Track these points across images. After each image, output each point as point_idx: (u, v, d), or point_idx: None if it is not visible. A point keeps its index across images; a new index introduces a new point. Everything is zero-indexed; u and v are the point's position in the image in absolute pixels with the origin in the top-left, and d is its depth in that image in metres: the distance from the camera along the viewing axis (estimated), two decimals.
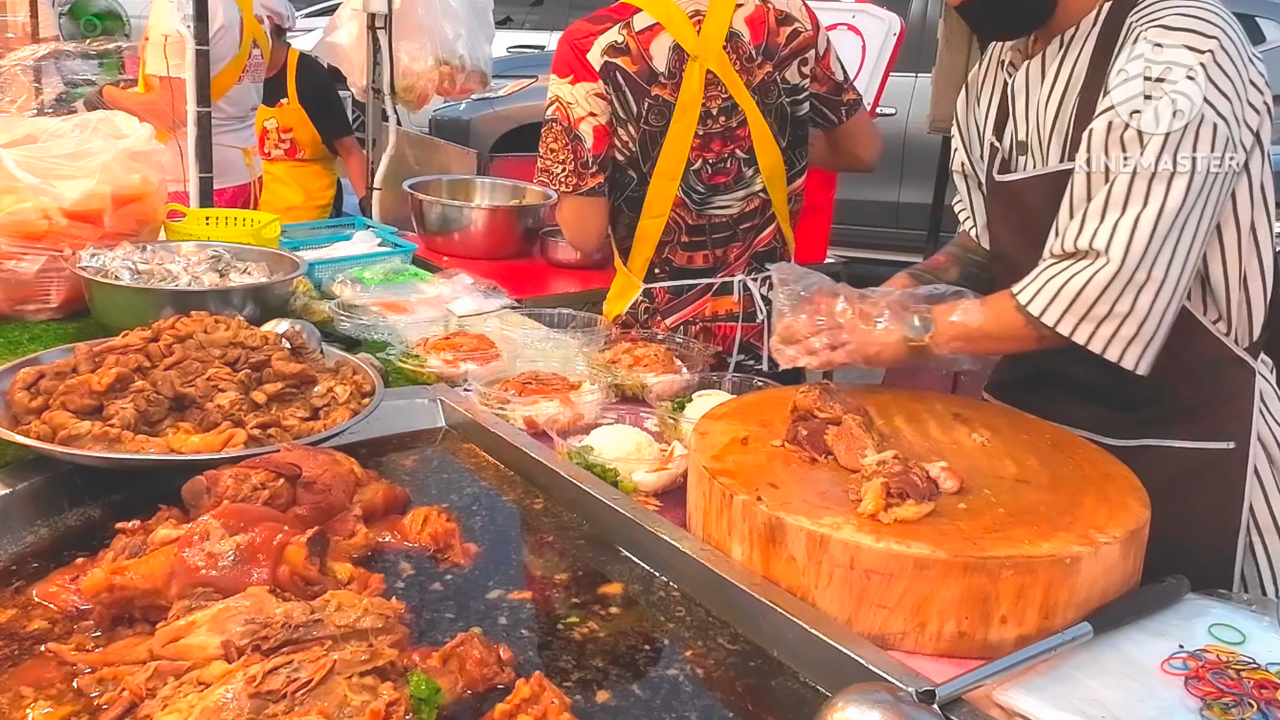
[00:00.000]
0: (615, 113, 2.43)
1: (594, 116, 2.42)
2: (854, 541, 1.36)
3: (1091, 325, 1.68)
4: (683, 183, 2.48)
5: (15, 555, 1.46)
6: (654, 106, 2.43)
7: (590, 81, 2.41)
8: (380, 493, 1.59)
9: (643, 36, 2.43)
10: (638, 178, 2.49)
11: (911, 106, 6.30)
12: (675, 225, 2.53)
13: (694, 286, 2.58)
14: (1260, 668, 1.32)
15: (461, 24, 4.59)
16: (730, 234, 2.57)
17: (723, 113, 2.47)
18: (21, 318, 2.34)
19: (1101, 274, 1.66)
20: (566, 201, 2.51)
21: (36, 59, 4.30)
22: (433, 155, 5.02)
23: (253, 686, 1.04)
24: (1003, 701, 1.25)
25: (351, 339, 2.35)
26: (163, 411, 1.67)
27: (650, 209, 2.51)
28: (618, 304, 2.66)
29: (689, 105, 2.44)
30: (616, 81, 2.42)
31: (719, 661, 1.33)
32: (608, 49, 2.41)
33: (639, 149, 2.46)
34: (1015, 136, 1.91)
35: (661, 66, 2.43)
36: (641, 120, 2.44)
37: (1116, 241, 1.65)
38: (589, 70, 2.41)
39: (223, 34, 3.94)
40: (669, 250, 2.55)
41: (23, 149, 2.39)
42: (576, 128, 2.42)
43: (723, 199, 2.54)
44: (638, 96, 2.43)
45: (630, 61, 2.42)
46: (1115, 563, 1.40)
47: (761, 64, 2.49)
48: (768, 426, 1.69)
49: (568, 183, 2.46)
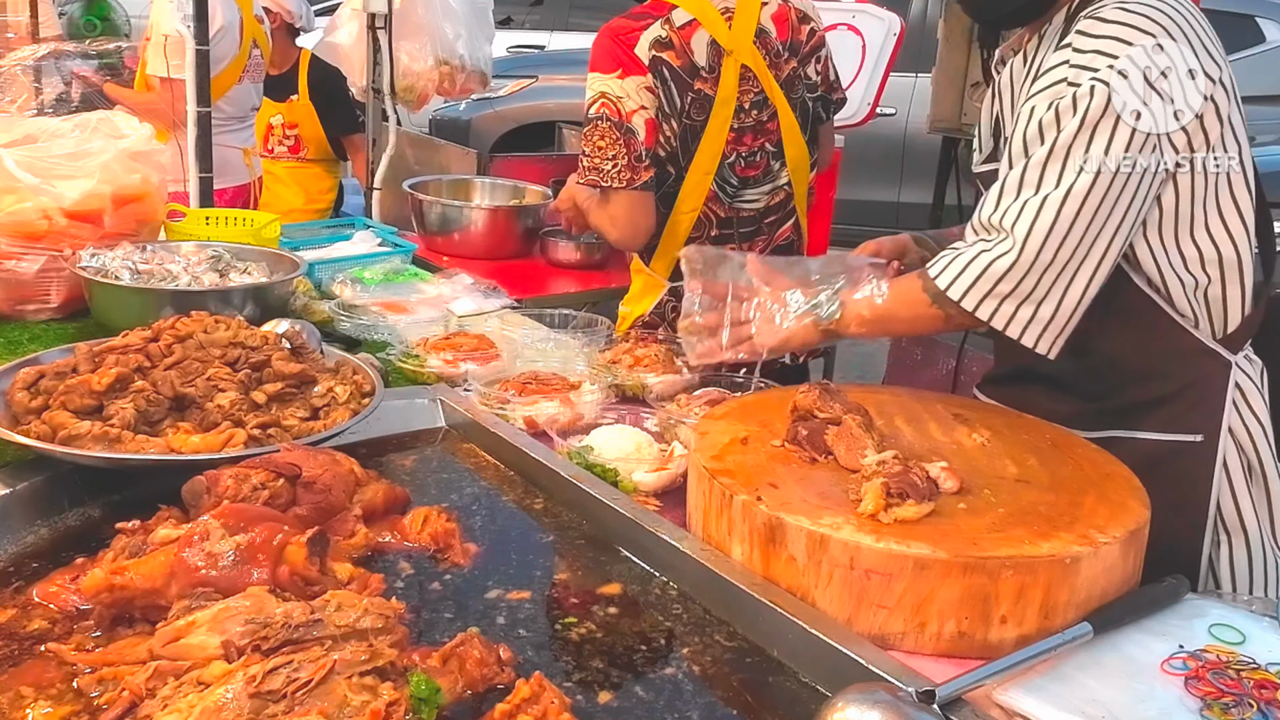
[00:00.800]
0: (661, 107, 2.44)
1: (644, 110, 2.42)
2: (854, 541, 1.36)
3: (995, 302, 1.70)
4: (717, 176, 2.52)
5: (15, 555, 1.46)
6: (695, 101, 2.46)
7: (640, 75, 2.42)
8: (380, 493, 1.59)
9: (683, 32, 2.45)
10: (675, 173, 2.50)
11: (911, 106, 6.29)
12: (706, 220, 2.56)
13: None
14: (1260, 668, 1.32)
15: (461, 24, 4.59)
16: (755, 228, 2.61)
17: (755, 106, 2.52)
18: (21, 318, 2.34)
19: (1007, 252, 1.68)
20: (620, 198, 2.46)
21: (36, 59, 4.30)
22: (433, 155, 5.01)
23: (253, 686, 1.04)
24: (1003, 701, 1.25)
25: (351, 339, 2.35)
26: (163, 411, 1.67)
27: (684, 204, 2.53)
28: (640, 304, 2.67)
29: (727, 99, 2.48)
30: (663, 76, 2.43)
31: (718, 662, 1.33)
32: (654, 44, 2.43)
33: (679, 144, 2.47)
34: (1004, 133, 1.91)
35: (702, 61, 2.46)
36: (684, 115, 2.46)
37: (1022, 221, 1.68)
38: (638, 64, 2.42)
39: (223, 35, 3.94)
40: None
41: (23, 149, 2.39)
42: (629, 121, 2.41)
43: (751, 192, 2.58)
44: (681, 91, 2.45)
45: (675, 56, 2.44)
46: (1115, 563, 1.40)
47: (788, 60, 2.56)
48: (768, 426, 1.69)
49: (621, 178, 2.42)
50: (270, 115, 4.95)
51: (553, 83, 7.44)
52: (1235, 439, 1.85)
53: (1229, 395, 1.84)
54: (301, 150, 5.11)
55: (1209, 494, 1.85)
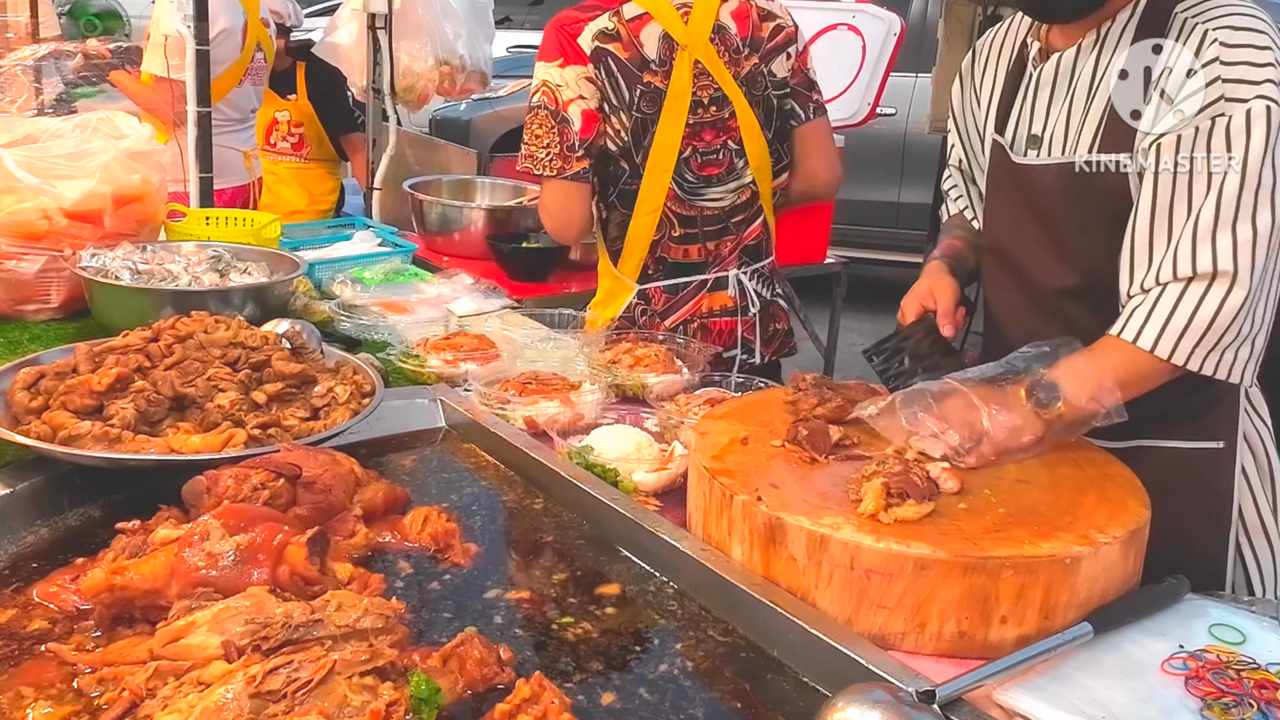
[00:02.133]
0: (607, 99, 2.42)
1: (583, 100, 2.40)
2: (854, 541, 1.36)
3: (1219, 354, 1.61)
4: (675, 174, 2.48)
5: (15, 555, 1.46)
6: (645, 93, 2.43)
7: (580, 65, 2.40)
8: (380, 493, 1.59)
9: (632, 25, 2.43)
10: (630, 169, 2.47)
11: (911, 106, 6.29)
12: (667, 220, 2.51)
13: (688, 284, 2.57)
14: (1260, 668, 1.32)
15: (461, 24, 4.59)
16: (722, 226, 2.56)
17: (713, 103, 2.48)
18: (21, 318, 2.34)
19: (1232, 299, 1.58)
20: (550, 186, 2.46)
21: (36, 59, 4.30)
22: (433, 155, 5.01)
23: (253, 686, 1.04)
24: (1003, 701, 1.25)
25: (351, 339, 2.35)
26: (163, 411, 1.67)
27: (643, 205, 2.49)
28: (609, 308, 2.61)
29: (679, 93, 2.44)
30: (608, 66, 2.41)
31: (718, 662, 1.33)
32: (598, 35, 2.41)
33: (631, 138, 2.44)
34: (1028, 130, 1.87)
35: (652, 54, 2.43)
36: (634, 108, 2.43)
37: (1242, 258, 1.57)
38: (579, 54, 2.41)
39: (223, 38, 3.94)
40: (662, 248, 2.54)
41: (23, 149, 2.39)
42: (565, 110, 2.40)
43: (715, 190, 2.53)
44: (630, 83, 2.42)
45: (621, 48, 2.42)
46: (1115, 563, 1.40)
47: (748, 56, 2.51)
48: (768, 426, 1.69)
49: (552, 166, 2.41)
50: (275, 110, 4.94)
51: None
52: (1249, 444, 1.86)
53: (1241, 401, 1.85)
54: (304, 149, 5.11)
55: (1231, 499, 1.85)
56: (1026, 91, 1.89)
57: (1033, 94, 1.87)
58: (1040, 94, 1.86)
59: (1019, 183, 1.89)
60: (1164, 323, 1.62)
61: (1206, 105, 1.63)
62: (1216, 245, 1.59)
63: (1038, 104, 1.86)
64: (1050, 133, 1.83)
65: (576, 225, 2.53)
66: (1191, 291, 1.61)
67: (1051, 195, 1.82)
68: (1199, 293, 1.60)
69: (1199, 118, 1.63)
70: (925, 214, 5.27)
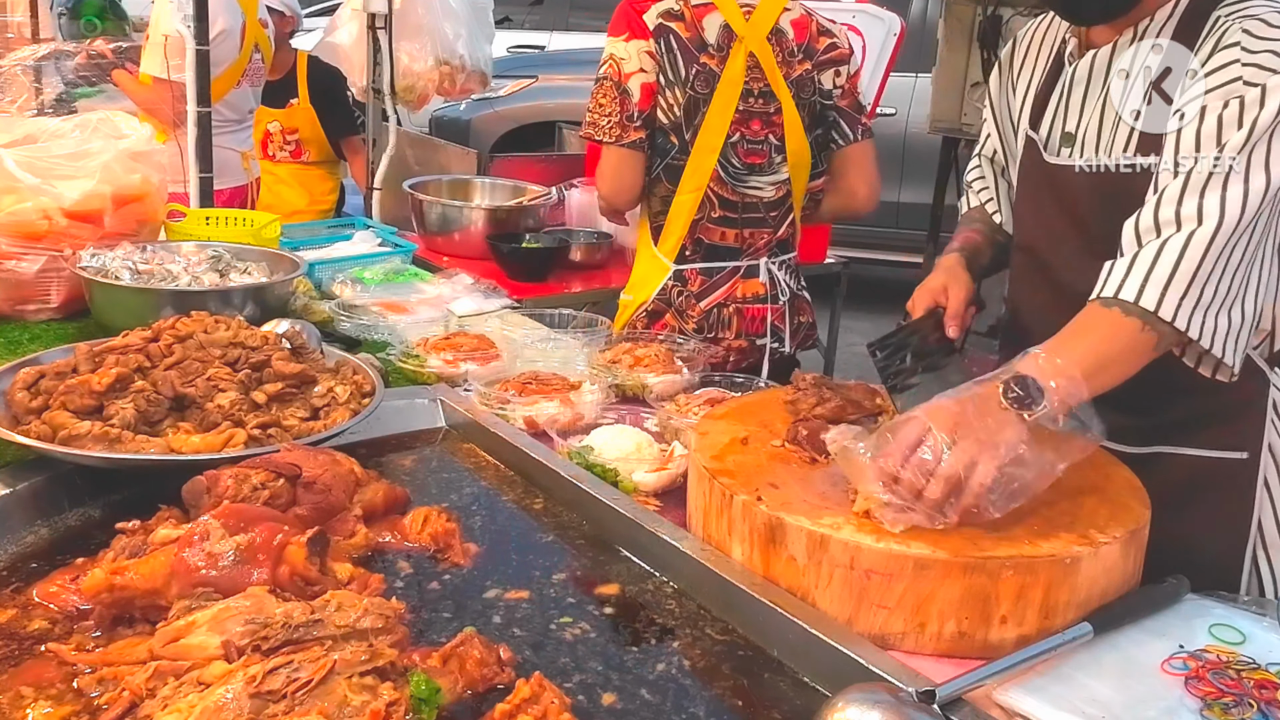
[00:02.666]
0: (665, 73, 2.55)
1: (643, 73, 2.54)
2: (854, 541, 1.36)
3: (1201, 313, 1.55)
4: (721, 155, 2.59)
5: (15, 555, 1.46)
6: (700, 73, 2.56)
7: (642, 40, 2.55)
8: (380, 493, 1.59)
9: (697, 10, 2.58)
10: (678, 144, 2.58)
11: (911, 106, 6.29)
12: (709, 200, 2.61)
13: (723, 269, 2.66)
14: (1260, 668, 1.32)
15: (461, 24, 4.59)
16: (760, 217, 2.67)
17: (762, 96, 2.61)
18: (21, 318, 2.34)
19: (1198, 236, 1.53)
20: (609, 153, 2.61)
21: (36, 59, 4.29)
22: (433, 155, 5.01)
23: (253, 686, 1.04)
24: (1003, 701, 1.25)
25: (351, 339, 2.35)
26: (163, 411, 1.67)
27: (688, 181, 2.60)
28: (643, 290, 2.70)
29: (732, 79, 2.57)
30: (669, 42, 2.55)
31: (717, 662, 1.33)
32: (663, 13, 2.57)
33: (683, 114, 2.57)
34: (1062, 127, 1.83)
35: (711, 39, 2.58)
36: (688, 85, 2.56)
37: (1208, 209, 1.54)
38: (643, 29, 2.56)
39: (222, 39, 3.94)
40: (700, 229, 2.63)
41: (23, 149, 2.39)
42: (626, 82, 2.55)
43: (756, 180, 2.64)
44: (687, 61, 2.56)
45: (684, 28, 2.57)
46: (1115, 563, 1.40)
47: (801, 61, 2.65)
48: (768, 426, 1.69)
49: (611, 133, 2.56)
50: (267, 122, 4.92)
51: (553, 83, 7.44)
52: (1274, 456, 1.81)
53: (1268, 413, 1.81)
54: (303, 154, 5.10)
55: (1251, 511, 1.81)
56: (1063, 88, 1.84)
57: (1068, 90, 1.82)
58: (1075, 91, 1.81)
59: (1051, 181, 1.85)
60: (1133, 271, 1.56)
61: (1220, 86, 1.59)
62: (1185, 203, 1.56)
63: (1072, 101, 1.81)
64: (1084, 131, 1.79)
65: (628, 191, 2.65)
66: (1158, 241, 1.57)
67: (1083, 195, 1.78)
68: (1167, 239, 1.56)
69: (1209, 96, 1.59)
70: (925, 214, 5.27)
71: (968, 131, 4.65)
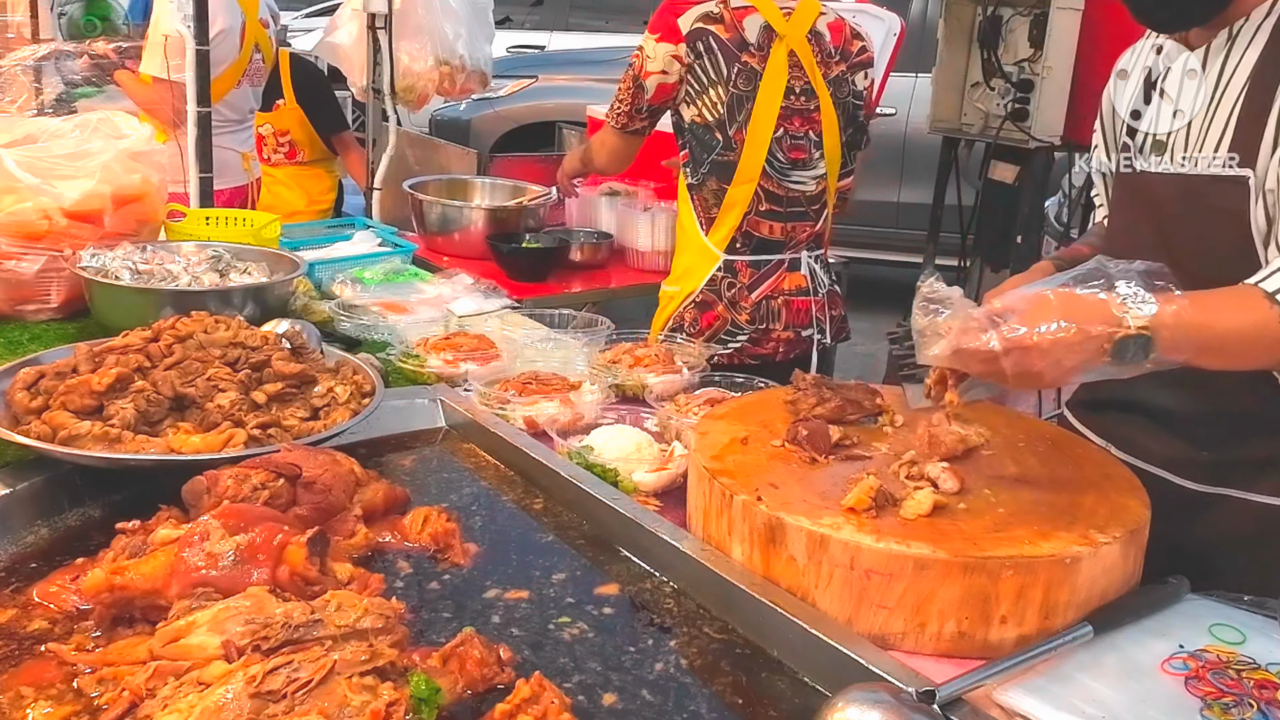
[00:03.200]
0: (702, 75, 2.69)
1: (664, 75, 2.71)
2: (854, 541, 1.36)
3: None
4: (768, 150, 2.71)
5: (15, 555, 1.46)
6: (742, 71, 2.68)
7: (671, 44, 2.69)
8: (380, 493, 1.59)
9: (737, 12, 2.71)
10: (723, 140, 2.71)
11: (911, 106, 6.29)
12: (758, 194, 2.74)
13: (769, 261, 2.80)
14: (1260, 668, 1.32)
15: (461, 24, 4.58)
16: (803, 211, 2.80)
17: (803, 93, 2.75)
18: (21, 318, 2.34)
19: None
20: (610, 134, 2.93)
21: (36, 59, 4.29)
22: (433, 155, 5.01)
23: (253, 686, 1.04)
24: (1003, 701, 1.25)
25: (351, 339, 2.35)
26: (163, 411, 1.67)
27: (741, 174, 2.72)
28: (690, 280, 2.80)
29: (775, 75, 2.71)
30: (707, 44, 2.68)
31: (717, 662, 1.33)
32: (701, 17, 2.69)
33: (726, 111, 2.69)
34: (1153, 133, 1.74)
35: (752, 39, 2.70)
36: (731, 83, 2.68)
37: None
38: (675, 33, 2.69)
39: (222, 38, 3.93)
40: (749, 222, 2.74)
41: (23, 149, 2.39)
42: (643, 79, 2.74)
43: (799, 174, 2.78)
44: (728, 61, 2.68)
45: (724, 29, 2.69)
46: (1115, 563, 1.40)
47: (838, 62, 2.81)
48: (768, 426, 1.69)
49: (618, 121, 2.86)
50: (259, 125, 4.92)
51: (553, 83, 7.44)
52: None
53: None
54: (298, 155, 5.10)
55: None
56: (1157, 92, 1.75)
57: (1161, 95, 1.74)
58: (1168, 95, 1.73)
59: (1140, 190, 1.77)
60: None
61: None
62: None
63: (1163, 107, 1.73)
64: (1174, 136, 1.70)
65: (620, 166, 3.12)
66: None
67: (1170, 206, 1.70)
68: None
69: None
70: (925, 214, 5.26)
71: (968, 131, 4.65)
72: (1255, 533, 1.56)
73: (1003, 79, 4.38)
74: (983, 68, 4.50)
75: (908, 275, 6.52)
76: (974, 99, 4.57)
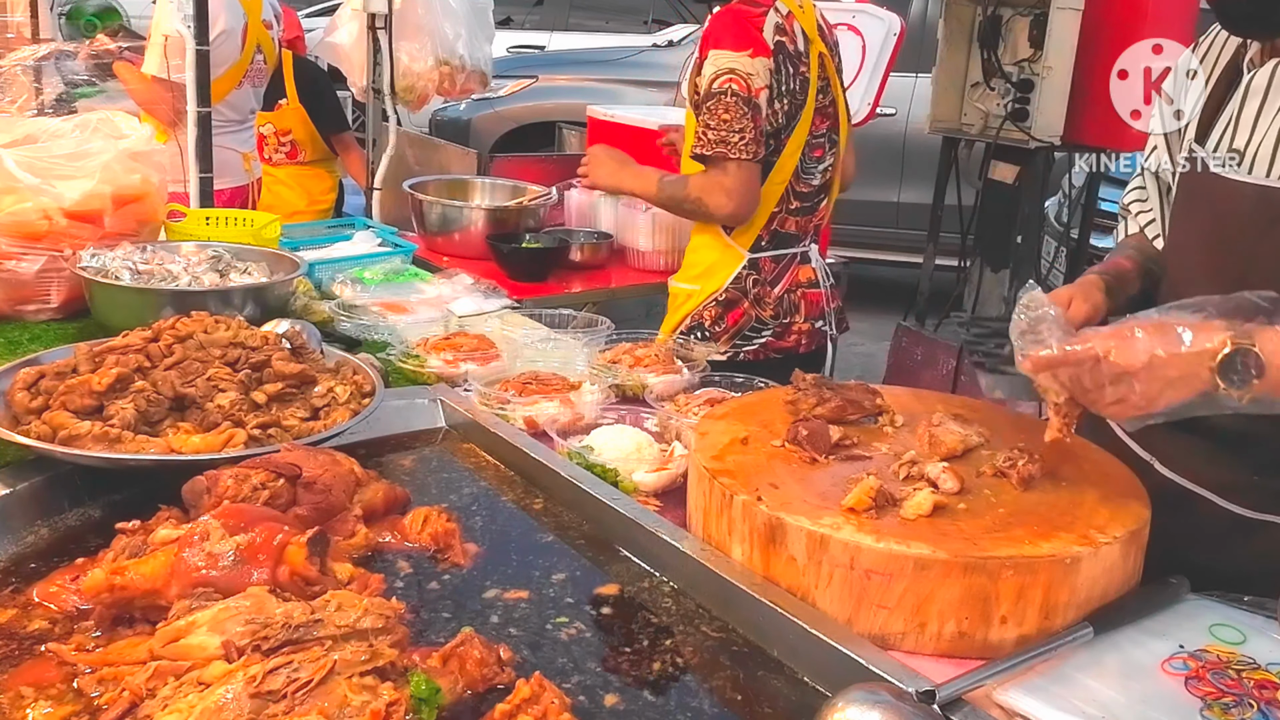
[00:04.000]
0: (778, 86, 2.67)
1: (768, 90, 2.64)
2: (854, 542, 1.36)
3: None
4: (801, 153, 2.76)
5: (15, 555, 1.46)
6: (800, 81, 2.72)
7: (766, 57, 2.63)
8: (380, 493, 1.59)
9: (788, 20, 2.71)
10: (775, 145, 2.70)
11: (911, 106, 6.29)
12: (787, 193, 2.76)
13: (787, 255, 2.82)
14: (1260, 668, 1.32)
15: (461, 24, 4.59)
16: (812, 204, 2.84)
17: (821, 91, 2.79)
18: (21, 318, 2.34)
19: None
20: (743, 169, 2.60)
21: (37, 59, 4.29)
22: (433, 155, 5.02)
23: (253, 686, 1.04)
24: (1003, 702, 1.25)
25: (351, 339, 2.35)
26: (163, 411, 1.67)
27: (776, 175, 2.72)
28: (714, 279, 2.79)
29: (814, 82, 2.75)
30: (783, 57, 2.68)
31: (717, 662, 1.33)
32: (776, 29, 2.67)
33: (784, 119, 2.69)
34: (1230, 142, 1.66)
35: (801, 47, 2.73)
36: (793, 95, 2.70)
37: None
38: (765, 46, 2.64)
39: (223, 39, 3.94)
40: (778, 219, 2.76)
41: (23, 149, 2.39)
42: (757, 97, 2.59)
43: (817, 169, 2.82)
44: (791, 72, 2.70)
45: (788, 41, 2.70)
46: (1115, 563, 1.40)
47: (833, 55, 2.86)
48: (768, 426, 1.69)
49: (748, 150, 2.57)
50: (260, 125, 4.93)
51: (553, 83, 7.45)
52: None
53: None
54: (299, 154, 5.10)
55: None
56: (1237, 100, 1.66)
57: (1241, 102, 1.65)
58: (1250, 103, 1.63)
59: (1212, 202, 1.68)
60: None
61: None
62: None
63: (1244, 114, 1.63)
64: (1256, 149, 1.61)
65: (754, 204, 2.69)
66: None
67: (1245, 221, 1.62)
68: None
69: None
70: (925, 214, 5.26)
71: (968, 131, 4.65)
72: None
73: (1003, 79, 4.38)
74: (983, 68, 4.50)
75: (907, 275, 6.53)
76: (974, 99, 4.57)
